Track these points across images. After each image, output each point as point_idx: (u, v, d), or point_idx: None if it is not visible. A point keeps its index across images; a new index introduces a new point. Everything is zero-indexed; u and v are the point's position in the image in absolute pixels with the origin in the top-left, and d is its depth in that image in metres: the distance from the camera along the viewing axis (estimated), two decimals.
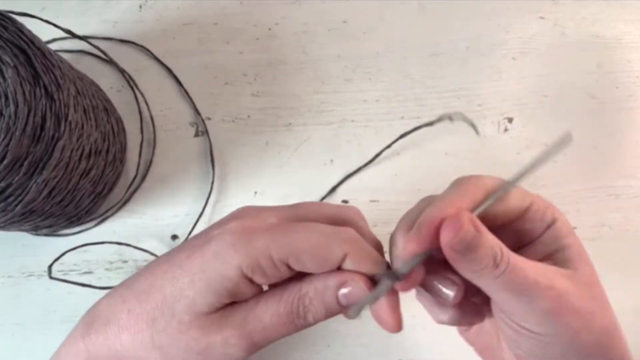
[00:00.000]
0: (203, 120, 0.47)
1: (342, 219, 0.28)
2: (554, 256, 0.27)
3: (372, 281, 0.26)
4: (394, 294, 0.26)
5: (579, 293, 0.25)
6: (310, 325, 0.26)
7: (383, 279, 0.25)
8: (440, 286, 0.26)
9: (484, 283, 0.25)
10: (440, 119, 0.25)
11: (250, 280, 0.25)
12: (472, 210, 0.25)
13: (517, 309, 0.25)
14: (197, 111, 0.47)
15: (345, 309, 0.26)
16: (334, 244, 0.25)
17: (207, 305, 0.25)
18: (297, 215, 0.28)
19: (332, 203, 0.29)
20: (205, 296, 0.25)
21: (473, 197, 0.25)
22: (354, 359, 0.43)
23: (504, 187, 0.25)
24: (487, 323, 0.30)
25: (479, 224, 0.24)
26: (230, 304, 0.26)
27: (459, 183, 0.27)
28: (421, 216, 0.25)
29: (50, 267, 0.41)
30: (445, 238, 0.24)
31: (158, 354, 0.26)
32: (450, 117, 0.26)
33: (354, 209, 0.30)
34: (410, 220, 0.26)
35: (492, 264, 0.24)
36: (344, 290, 0.25)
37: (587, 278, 0.26)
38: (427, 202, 0.27)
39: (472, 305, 0.28)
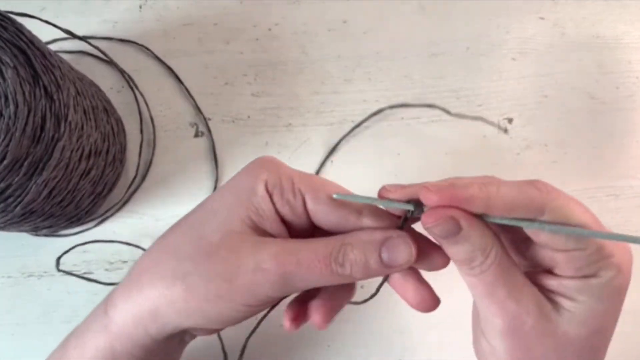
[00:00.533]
0: (205, 120, 0.47)
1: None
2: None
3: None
4: (413, 273, 0.26)
5: (530, 328, 0.24)
6: (347, 278, 0.25)
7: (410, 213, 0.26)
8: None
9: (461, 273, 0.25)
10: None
11: (273, 202, 0.26)
12: (494, 210, 0.23)
13: (482, 313, 0.25)
14: (199, 110, 0.47)
15: (385, 268, 0.25)
16: (354, 206, 0.26)
17: (238, 221, 0.25)
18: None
19: None
20: (235, 211, 0.25)
21: (508, 201, 0.23)
22: (354, 359, 0.43)
23: (541, 224, 0.23)
24: None
25: (467, 221, 0.23)
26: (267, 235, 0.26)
27: (521, 183, 0.24)
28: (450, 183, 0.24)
29: (58, 259, 0.41)
30: (426, 222, 0.23)
31: (180, 286, 0.25)
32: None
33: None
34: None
35: (467, 264, 0.24)
36: (388, 244, 0.25)
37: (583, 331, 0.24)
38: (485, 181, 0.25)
39: None
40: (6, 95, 0.31)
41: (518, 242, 0.26)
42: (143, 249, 0.44)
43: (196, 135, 0.47)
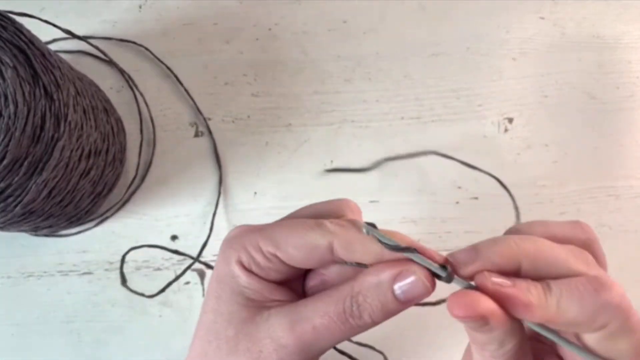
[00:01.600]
0: (205, 120, 0.47)
1: (328, 213, 0.27)
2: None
3: (435, 275, 0.23)
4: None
5: None
6: (368, 325, 0.24)
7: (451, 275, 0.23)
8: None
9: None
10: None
11: (254, 274, 0.25)
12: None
13: None
14: (198, 111, 0.47)
15: (405, 304, 0.24)
16: (316, 234, 0.24)
17: (242, 308, 0.25)
18: (286, 217, 0.27)
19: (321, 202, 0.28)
20: (233, 299, 0.25)
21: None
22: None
23: (582, 351, 0.22)
24: None
25: (497, 322, 0.21)
26: (272, 308, 0.25)
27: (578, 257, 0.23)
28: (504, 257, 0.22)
29: (122, 272, 0.41)
30: (453, 311, 0.21)
31: None
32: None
33: (343, 200, 0.28)
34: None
35: (482, 347, 0.22)
36: (400, 283, 0.23)
37: None
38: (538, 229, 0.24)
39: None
40: (6, 95, 0.31)
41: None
42: (178, 252, 0.44)
43: (196, 135, 0.47)
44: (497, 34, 0.49)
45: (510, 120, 0.47)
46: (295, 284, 0.27)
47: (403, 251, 0.23)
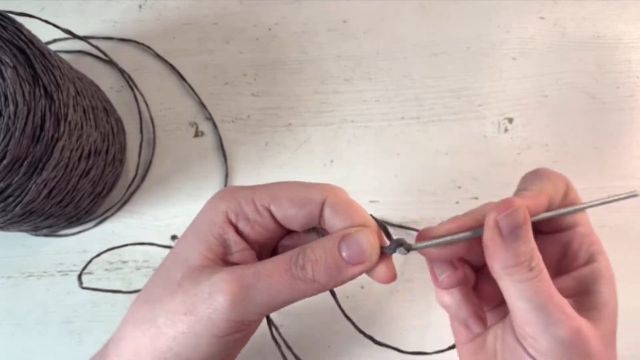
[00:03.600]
0: (211, 116, 0.47)
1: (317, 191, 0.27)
2: (582, 298, 0.26)
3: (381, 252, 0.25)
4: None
5: (597, 343, 0.24)
6: (309, 281, 0.24)
7: (397, 247, 0.25)
8: (437, 266, 0.27)
9: (509, 284, 0.24)
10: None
11: (237, 229, 0.25)
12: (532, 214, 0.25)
13: (532, 325, 0.24)
14: (203, 105, 0.47)
15: (347, 264, 0.24)
16: (312, 190, 0.25)
17: (198, 256, 0.25)
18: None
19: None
20: (195, 246, 0.25)
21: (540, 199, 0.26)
22: (354, 359, 0.43)
23: (568, 208, 0.27)
24: (488, 341, 0.28)
25: (529, 221, 0.24)
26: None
27: (539, 177, 0.29)
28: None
29: (80, 277, 0.41)
30: (496, 212, 0.24)
31: (152, 329, 0.24)
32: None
33: (331, 185, 0.28)
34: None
35: (527, 264, 0.23)
36: (347, 239, 0.24)
37: (606, 336, 0.25)
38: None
39: (477, 308, 0.28)
40: (6, 95, 0.31)
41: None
42: (165, 246, 0.44)
43: (196, 135, 0.47)
44: (497, 34, 0.49)
45: (510, 120, 0.47)
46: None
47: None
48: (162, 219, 0.45)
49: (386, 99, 0.47)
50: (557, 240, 0.28)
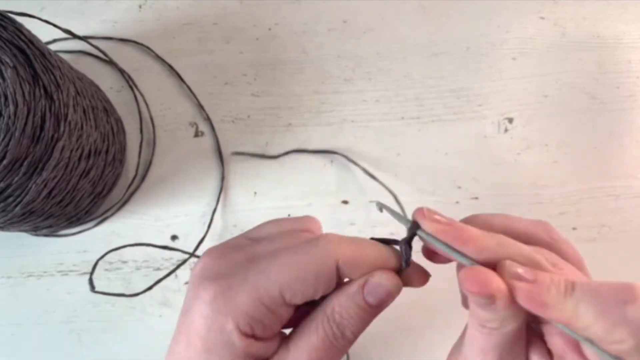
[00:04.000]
0: (209, 117, 0.47)
1: (304, 229, 0.26)
2: None
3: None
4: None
5: None
6: (351, 342, 0.24)
7: (407, 249, 0.24)
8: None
9: (469, 324, 0.23)
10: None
11: (255, 337, 0.23)
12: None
13: None
14: (202, 108, 0.47)
15: (378, 307, 0.24)
16: (319, 261, 0.22)
17: None
18: (259, 237, 0.25)
19: (284, 218, 0.27)
20: None
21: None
22: (354, 358, 0.43)
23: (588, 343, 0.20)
24: None
25: (505, 303, 0.21)
26: None
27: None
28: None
29: (91, 280, 0.40)
30: (471, 285, 0.21)
31: None
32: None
33: (311, 217, 0.27)
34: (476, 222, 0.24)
35: (480, 323, 0.22)
36: (368, 287, 0.23)
37: None
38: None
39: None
40: (6, 95, 0.31)
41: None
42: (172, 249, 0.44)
43: (196, 135, 0.47)
44: (497, 34, 0.49)
45: (510, 120, 0.47)
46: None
47: (414, 228, 0.23)
48: (162, 219, 0.45)
49: (386, 99, 0.47)
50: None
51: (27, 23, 0.35)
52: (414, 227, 0.23)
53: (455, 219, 0.23)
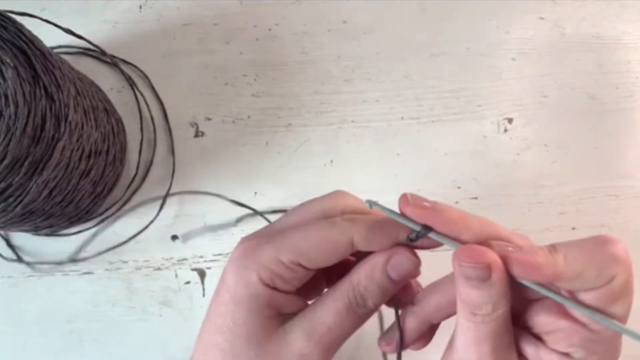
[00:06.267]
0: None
1: (332, 208, 0.27)
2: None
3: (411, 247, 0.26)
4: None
5: None
6: (372, 311, 0.26)
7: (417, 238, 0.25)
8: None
9: (458, 314, 0.25)
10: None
11: (277, 289, 0.26)
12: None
13: (456, 355, 0.25)
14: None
15: (399, 282, 0.26)
16: (336, 233, 0.25)
17: (259, 328, 0.25)
18: (289, 220, 0.27)
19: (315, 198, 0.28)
20: (251, 322, 0.25)
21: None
22: (353, 359, 0.43)
23: (577, 305, 0.22)
24: None
25: (499, 275, 0.22)
26: (287, 319, 0.26)
27: (585, 243, 0.23)
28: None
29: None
30: (465, 258, 0.22)
31: None
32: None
33: (338, 192, 0.29)
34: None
35: (471, 310, 0.23)
36: (391, 264, 0.25)
37: None
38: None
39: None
40: (6, 96, 0.31)
41: (523, 298, 0.25)
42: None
43: (196, 136, 0.47)
44: (496, 34, 0.49)
45: (510, 120, 0.47)
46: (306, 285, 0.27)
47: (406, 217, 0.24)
48: (163, 219, 0.45)
49: (386, 100, 0.47)
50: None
51: (28, 23, 0.35)
52: (425, 230, 0.24)
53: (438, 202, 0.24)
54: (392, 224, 0.25)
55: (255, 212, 0.45)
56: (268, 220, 0.45)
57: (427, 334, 0.29)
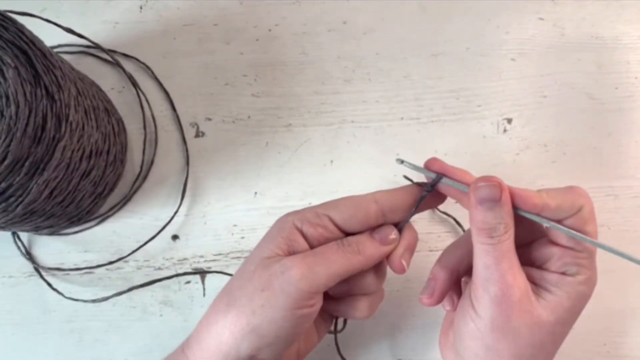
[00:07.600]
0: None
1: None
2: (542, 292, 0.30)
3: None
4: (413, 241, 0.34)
5: (520, 310, 0.29)
6: (355, 253, 0.31)
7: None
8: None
9: (475, 244, 0.30)
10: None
11: (302, 233, 0.32)
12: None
13: (478, 281, 0.29)
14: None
15: (384, 245, 0.32)
16: (362, 196, 0.32)
17: (268, 251, 0.31)
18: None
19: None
20: (266, 246, 0.32)
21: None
22: (353, 359, 0.43)
23: (559, 227, 0.29)
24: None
25: (504, 199, 0.29)
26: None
27: (563, 188, 0.31)
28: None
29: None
30: (480, 181, 0.29)
31: (232, 312, 0.30)
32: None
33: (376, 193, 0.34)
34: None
35: (489, 232, 0.29)
36: (378, 230, 0.33)
37: (542, 321, 0.29)
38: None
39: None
40: (7, 96, 0.31)
41: (522, 236, 0.31)
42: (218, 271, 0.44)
43: (197, 136, 0.47)
44: (496, 34, 0.49)
45: (510, 120, 0.47)
46: None
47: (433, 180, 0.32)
48: (163, 219, 0.45)
49: (386, 100, 0.48)
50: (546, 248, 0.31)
51: (29, 23, 0.35)
52: (438, 178, 0.31)
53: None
54: (407, 189, 0.33)
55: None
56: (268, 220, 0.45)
57: (456, 285, 0.35)
